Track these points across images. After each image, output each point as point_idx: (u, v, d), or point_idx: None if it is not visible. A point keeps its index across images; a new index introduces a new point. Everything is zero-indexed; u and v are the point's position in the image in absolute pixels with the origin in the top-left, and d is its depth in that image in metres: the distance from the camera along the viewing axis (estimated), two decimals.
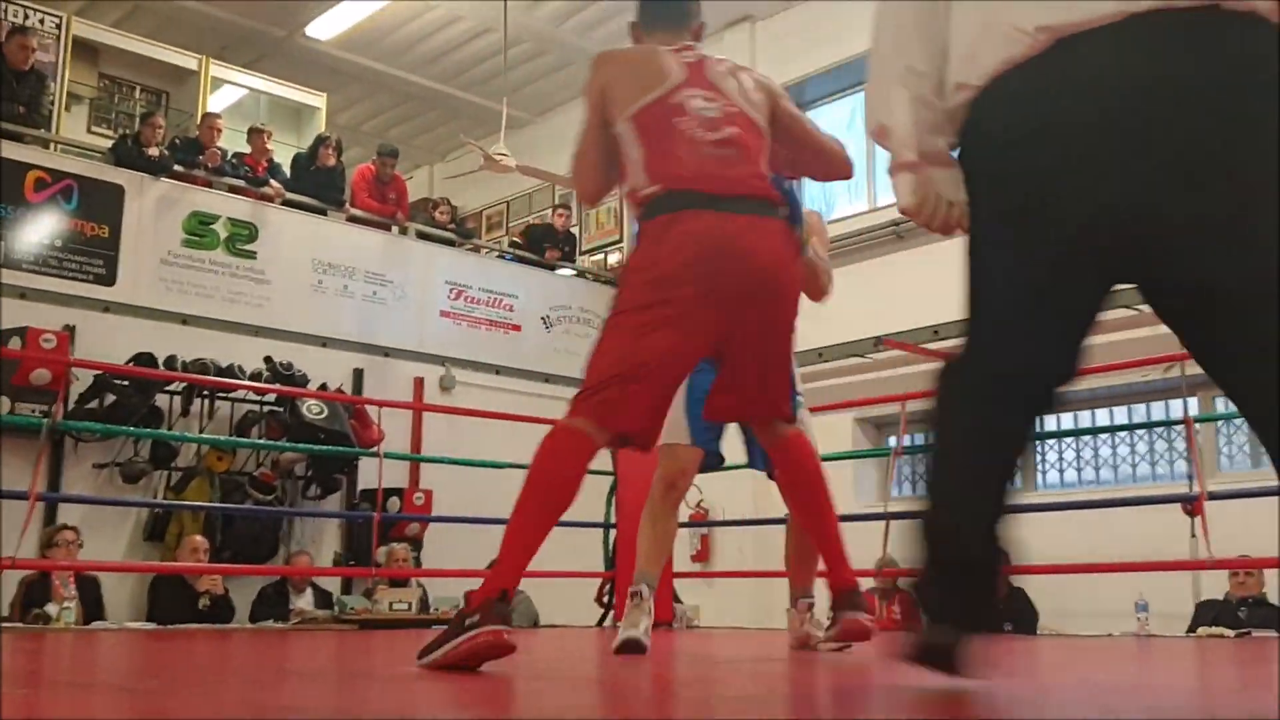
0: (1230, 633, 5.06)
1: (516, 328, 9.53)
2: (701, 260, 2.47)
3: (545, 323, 9.74)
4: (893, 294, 8.37)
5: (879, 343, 8.20)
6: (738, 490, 8.67)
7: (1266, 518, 5.21)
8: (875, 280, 8.56)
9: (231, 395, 7.55)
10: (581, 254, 11.17)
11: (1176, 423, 6.13)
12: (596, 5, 10.17)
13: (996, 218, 1.70)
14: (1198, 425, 5.74)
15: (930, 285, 8.22)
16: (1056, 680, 2.33)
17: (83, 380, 6.85)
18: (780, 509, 3.38)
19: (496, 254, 10.63)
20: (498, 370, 9.22)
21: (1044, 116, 1.57)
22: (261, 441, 7.42)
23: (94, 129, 9.81)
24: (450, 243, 9.69)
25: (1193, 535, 4.78)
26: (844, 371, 8.71)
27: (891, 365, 8.41)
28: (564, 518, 2.49)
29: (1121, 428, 7.09)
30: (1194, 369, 6.02)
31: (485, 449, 7.22)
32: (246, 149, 8.71)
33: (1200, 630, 5.34)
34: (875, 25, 1.86)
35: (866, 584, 7.10)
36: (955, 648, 1.70)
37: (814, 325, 8.92)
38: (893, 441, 6.91)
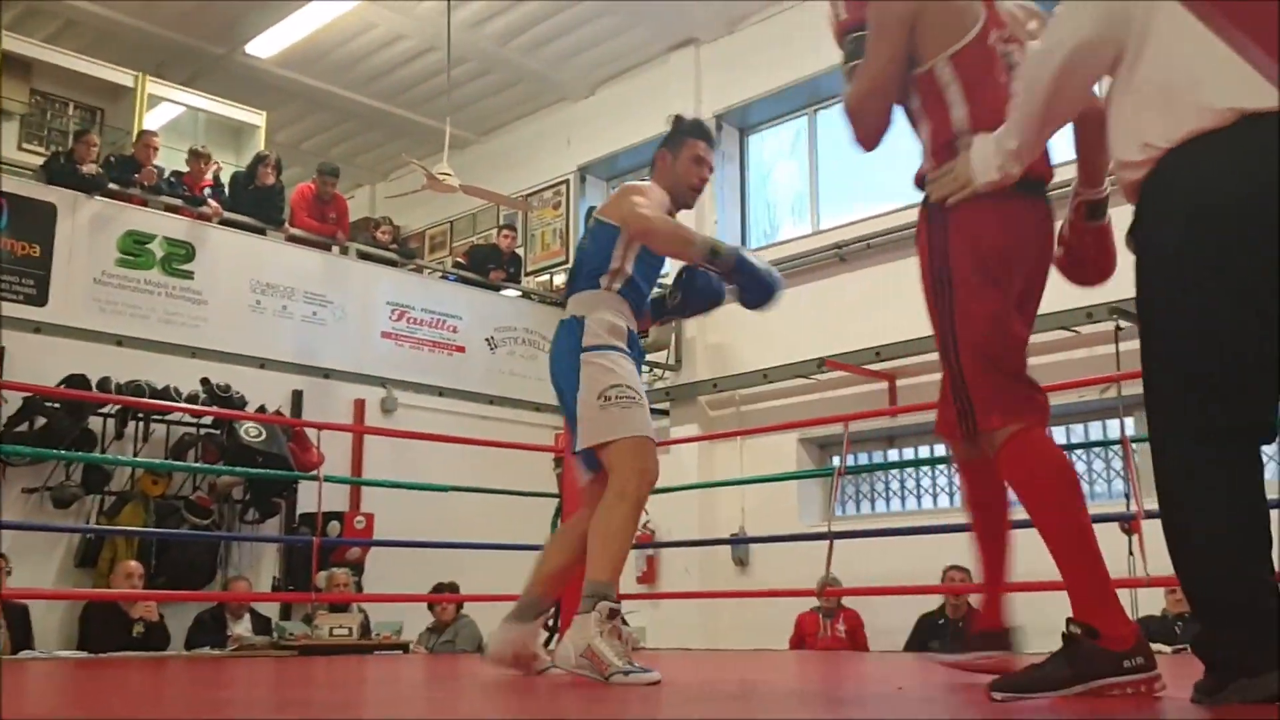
0: (1168, 648, 5.13)
1: (460, 349, 9.46)
2: (1028, 260, 2.34)
3: (490, 344, 9.68)
4: (836, 316, 8.44)
5: (822, 364, 8.25)
6: (683, 511, 8.68)
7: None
8: (818, 302, 8.63)
9: (167, 418, 7.40)
10: (527, 275, 11.14)
11: (1114, 443, 6.21)
12: (541, 25, 10.17)
13: (1205, 263, 1.85)
14: (1135, 445, 5.83)
15: (872, 307, 8.33)
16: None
17: (12, 403, 6.68)
18: (722, 528, 3.33)
19: (440, 274, 10.56)
20: (441, 392, 9.13)
21: (1253, 178, 1.80)
22: (198, 465, 7.28)
23: (25, 146, 9.59)
24: (392, 263, 9.61)
25: (1130, 553, 4.85)
26: (788, 392, 8.76)
27: (835, 386, 8.48)
28: (506, 540, 2.45)
29: (1061, 446, 7.19)
30: (1130, 389, 6.15)
31: (428, 472, 7.14)
32: (184, 168, 8.58)
33: None
34: (1047, 61, 2.02)
35: (810, 603, 7.14)
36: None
37: (758, 347, 9.04)
38: (836, 461, 6.94)
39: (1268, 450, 1.92)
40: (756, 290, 3.06)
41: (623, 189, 3.24)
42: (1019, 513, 2.33)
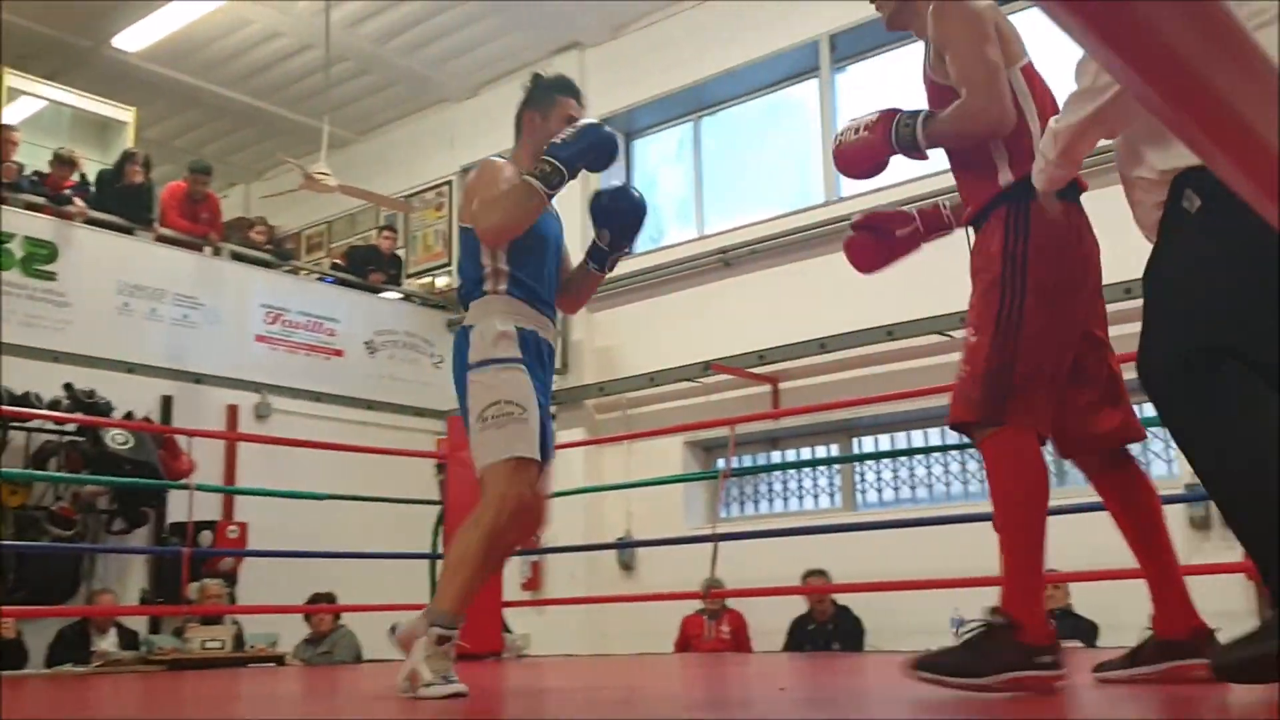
0: None
1: (338, 353, 9.26)
2: (1087, 271, 2.41)
3: (369, 348, 9.50)
4: (721, 320, 8.50)
5: (708, 367, 8.31)
6: (570, 516, 8.63)
7: (1070, 533, 5.47)
8: (704, 307, 8.69)
9: (27, 425, 7.06)
10: (408, 277, 10.96)
11: None
12: (421, 26, 10.02)
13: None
14: None
15: (756, 311, 8.41)
16: (890, 697, 2.36)
17: None
18: (608, 533, 3.29)
19: (317, 276, 10.33)
20: (318, 397, 8.92)
21: None
22: (60, 474, 6.97)
23: None
24: (267, 264, 9.35)
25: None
26: (674, 396, 8.78)
27: (720, 389, 8.53)
28: (386, 549, 2.37)
29: (937, 449, 7.36)
30: None
31: (304, 479, 6.96)
32: (47, 166, 8.21)
33: None
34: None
35: (695, 606, 7.16)
36: None
37: (645, 351, 9.04)
38: (721, 464, 6.99)
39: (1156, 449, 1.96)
40: (601, 158, 3.00)
41: (470, 182, 3.04)
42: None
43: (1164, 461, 6.77)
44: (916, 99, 2.62)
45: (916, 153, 2.46)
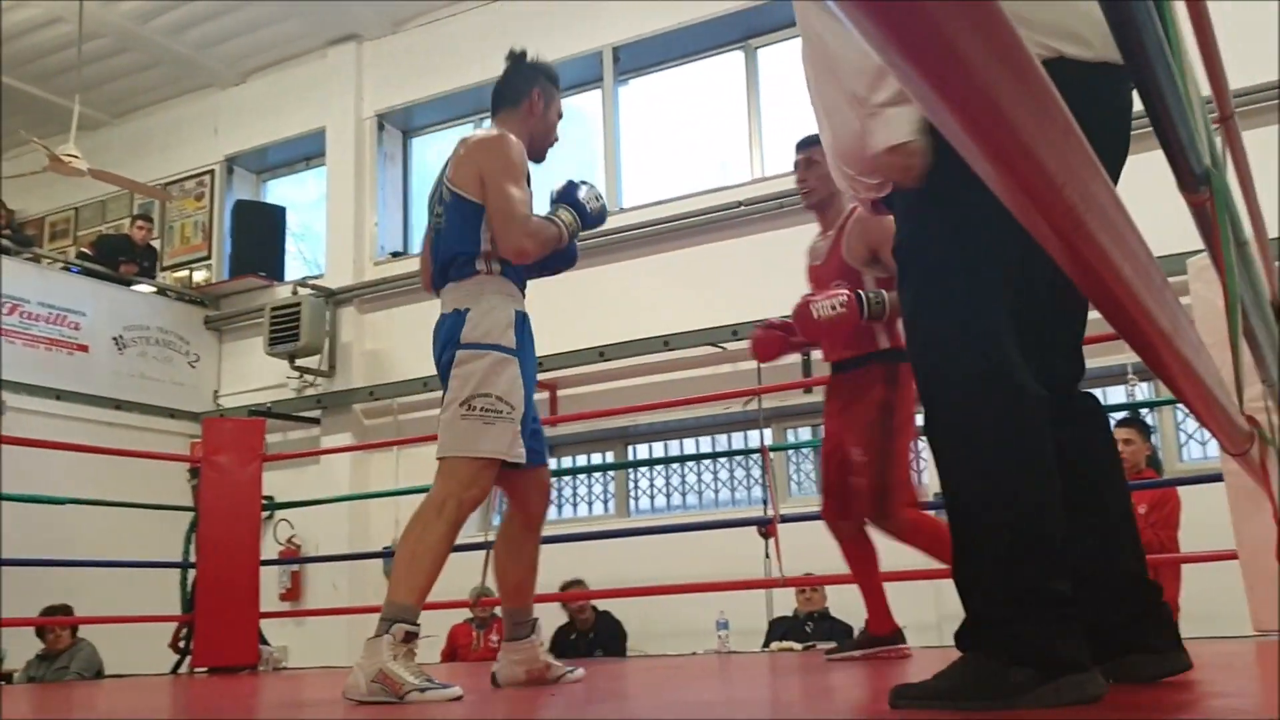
0: (799, 646, 5.46)
1: (83, 348, 8.65)
2: None
3: (118, 343, 8.92)
4: None
5: None
6: (334, 524, 8.35)
7: (827, 539, 5.69)
8: None
9: None
10: (163, 270, 10.36)
11: (754, 451, 6.57)
12: (188, 6, 9.48)
13: None
14: (772, 454, 6.20)
15: (536, 317, 8.35)
16: (651, 702, 2.37)
17: None
18: (374, 541, 3.18)
19: (61, 265, 9.61)
20: (59, 395, 8.32)
21: None
22: None
23: None
24: (4, 251, 8.64)
25: (767, 556, 5.13)
26: None
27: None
28: (134, 557, 2.20)
29: (706, 456, 7.52)
30: (770, 402, 6.49)
31: (43, 482, 6.45)
32: None
33: (773, 645, 5.72)
34: None
35: (463, 615, 7.05)
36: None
37: (418, 355, 8.79)
38: None
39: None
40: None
41: (482, 153, 2.87)
42: None
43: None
44: (695, 114, 2.70)
45: (880, 322, 3.21)
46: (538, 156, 3.03)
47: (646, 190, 8.38)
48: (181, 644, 5.71)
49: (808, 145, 3.39)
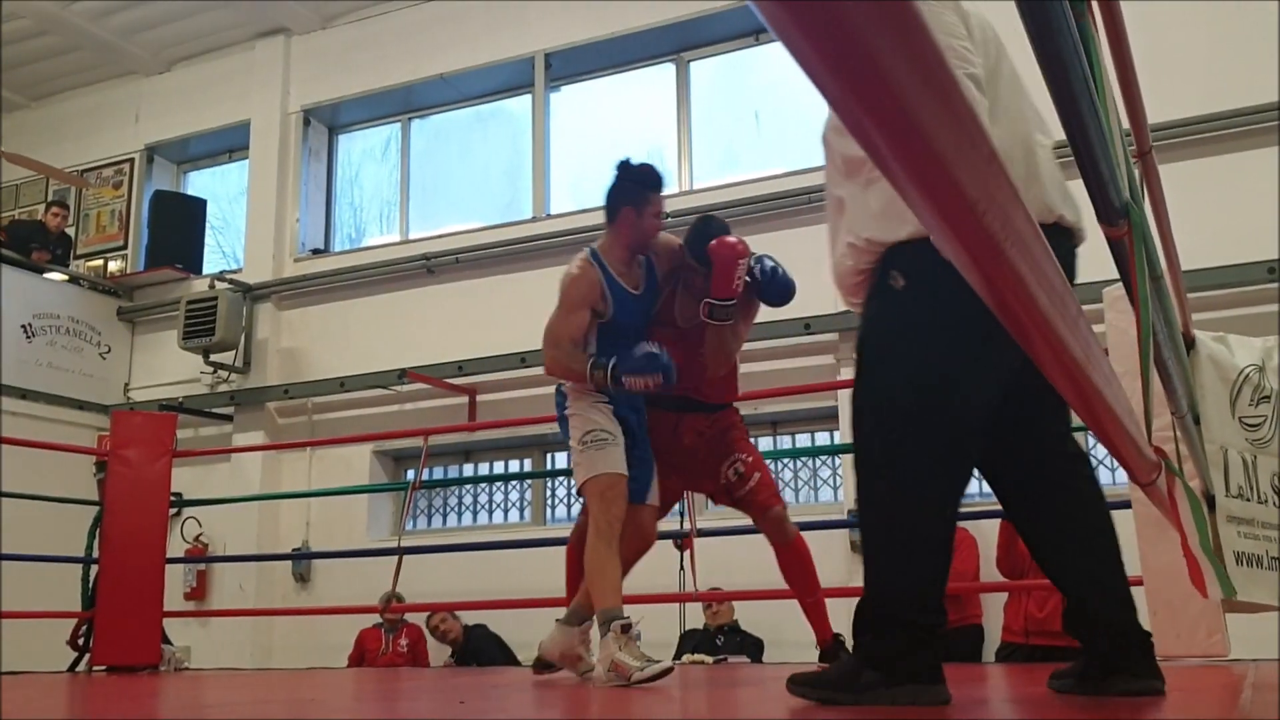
0: (710, 659, 5.48)
1: None
2: None
3: (26, 332, 8.66)
4: (420, 327, 8.33)
5: (403, 375, 8.10)
6: (243, 523, 8.18)
7: (741, 553, 5.72)
8: (402, 312, 8.48)
9: None
10: (76, 258, 10.08)
11: None
12: None
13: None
14: None
15: (458, 321, 8.29)
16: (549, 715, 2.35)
17: None
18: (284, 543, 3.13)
19: None
20: None
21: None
22: None
23: None
24: None
25: (681, 568, 5.13)
26: (365, 403, 8.52)
27: (414, 399, 8.35)
28: (36, 550, 2.13)
29: None
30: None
31: None
32: None
33: (685, 657, 5.73)
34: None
35: (372, 619, 6.95)
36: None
37: (336, 354, 8.73)
38: (411, 475, 6.82)
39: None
40: (644, 378, 3.28)
41: (561, 287, 3.42)
42: None
43: (830, 488, 7.24)
44: (626, 124, 2.75)
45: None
46: (643, 250, 3.51)
47: (575, 197, 8.37)
48: (81, 641, 5.56)
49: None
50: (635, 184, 3.44)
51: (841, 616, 6.24)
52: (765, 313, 3.67)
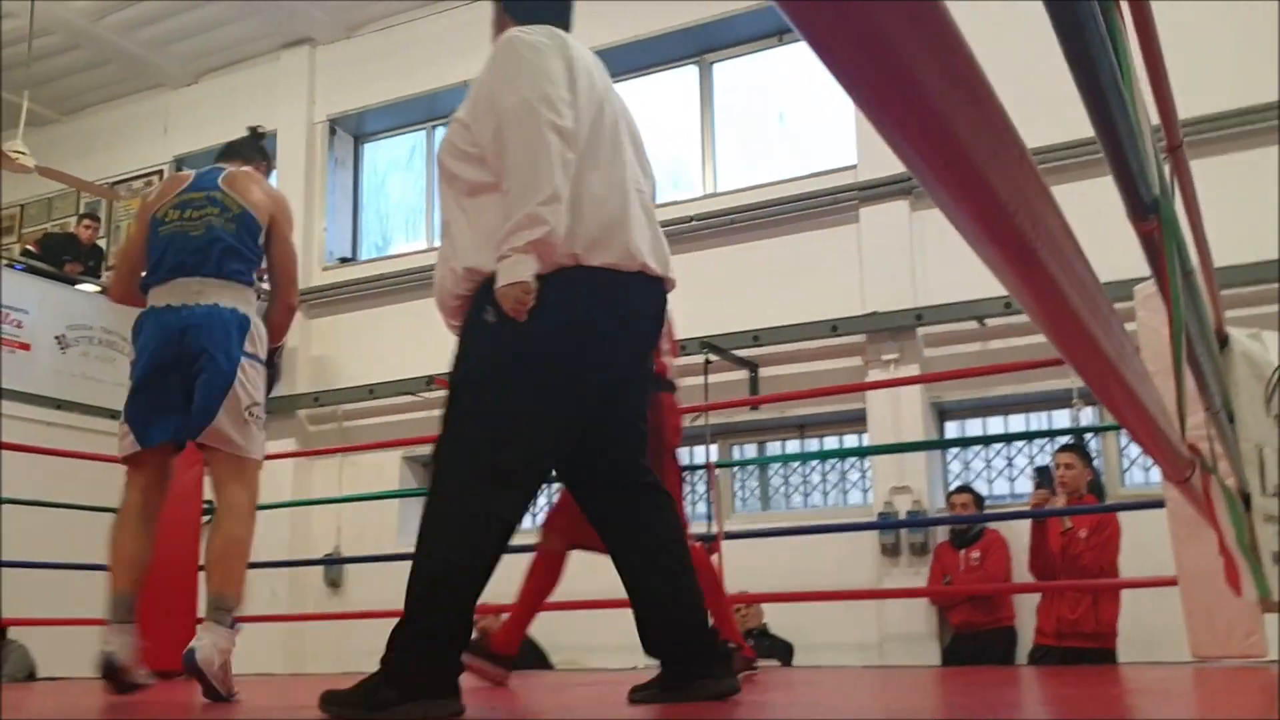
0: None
1: (24, 346, 8.48)
2: None
3: (60, 343, 8.75)
4: (446, 333, 8.33)
5: (432, 381, 8.13)
6: (275, 530, 8.23)
7: (770, 555, 5.70)
8: (429, 319, 8.46)
9: None
10: (108, 270, 10.19)
11: (699, 467, 6.57)
12: (139, 5, 9.36)
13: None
14: (717, 470, 6.20)
15: None
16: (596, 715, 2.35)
17: None
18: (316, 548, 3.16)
19: (5, 263, 9.42)
20: None
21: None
22: None
23: None
24: None
25: None
26: (394, 409, 8.56)
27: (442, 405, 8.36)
28: (71, 559, 2.17)
29: None
30: (717, 419, 6.49)
31: None
32: None
33: None
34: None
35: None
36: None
37: (365, 362, 8.77)
38: None
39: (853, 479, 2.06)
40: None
41: (280, 198, 3.23)
42: None
43: (860, 491, 7.21)
44: (648, 128, 2.76)
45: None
46: None
47: None
48: None
49: None
50: None
51: (870, 620, 6.24)
52: (792, 315, 3.65)
